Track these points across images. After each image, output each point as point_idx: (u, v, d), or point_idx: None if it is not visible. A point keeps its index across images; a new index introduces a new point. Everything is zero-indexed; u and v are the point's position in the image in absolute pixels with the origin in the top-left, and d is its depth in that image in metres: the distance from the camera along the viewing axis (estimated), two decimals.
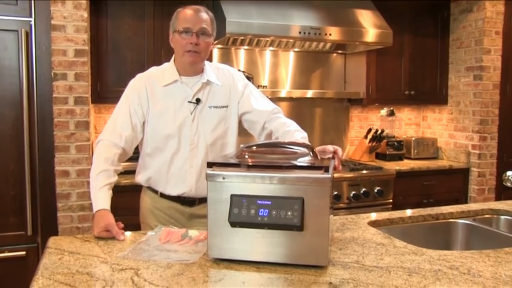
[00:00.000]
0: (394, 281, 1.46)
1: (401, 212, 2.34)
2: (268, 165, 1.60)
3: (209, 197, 1.58)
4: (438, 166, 4.40)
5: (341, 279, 1.46)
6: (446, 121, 4.80)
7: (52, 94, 3.20)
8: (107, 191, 1.99)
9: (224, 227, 1.56)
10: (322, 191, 1.51)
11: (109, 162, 2.06)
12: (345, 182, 3.90)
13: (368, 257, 1.67)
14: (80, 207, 3.29)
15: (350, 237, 1.91)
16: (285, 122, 2.24)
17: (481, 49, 4.40)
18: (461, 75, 4.59)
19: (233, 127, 2.26)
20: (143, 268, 1.55)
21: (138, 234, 1.95)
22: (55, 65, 3.19)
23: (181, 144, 2.17)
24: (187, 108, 2.17)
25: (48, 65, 3.19)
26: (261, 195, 1.54)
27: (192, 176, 2.19)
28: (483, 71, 4.40)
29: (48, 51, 3.18)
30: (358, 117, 4.88)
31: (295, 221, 1.49)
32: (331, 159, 1.80)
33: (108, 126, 2.17)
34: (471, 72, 4.50)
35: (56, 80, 3.20)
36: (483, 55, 4.39)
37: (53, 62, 3.18)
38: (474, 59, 4.46)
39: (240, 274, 1.51)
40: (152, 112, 2.16)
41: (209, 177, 1.58)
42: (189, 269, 1.54)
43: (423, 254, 1.71)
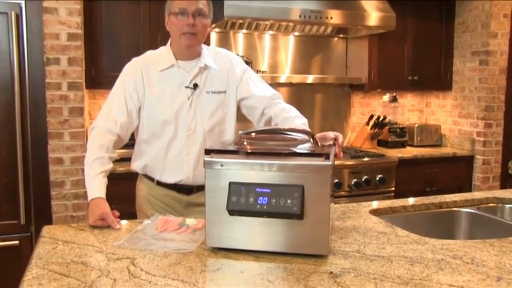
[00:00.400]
0: (396, 270, 1.46)
1: (404, 200, 2.35)
2: (267, 152, 1.60)
3: (207, 185, 1.58)
4: (442, 154, 4.41)
5: (342, 269, 1.47)
6: (450, 107, 4.80)
7: (45, 79, 3.19)
8: (102, 179, 1.99)
9: (222, 216, 1.57)
10: (323, 178, 1.51)
11: (104, 149, 2.06)
12: (346, 170, 3.90)
13: (370, 246, 1.68)
14: (75, 196, 3.30)
15: (351, 226, 1.91)
16: (284, 108, 2.24)
17: (488, 33, 4.37)
18: (466, 60, 4.58)
19: (232, 113, 2.26)
20: (139, 257, 1.56)
21: (134, 223, 1.95)
22: (47, 49, 3.18)
23: (178, 130, 2.17)
24: (184, 94, 2.16)
25: (40, 49, 3.17)
26: (260, 182, 1.54)
27: (190, 163, 2.20)
28: (490, 56, 4.39)
29: (40, 34, 3.16)
30: (359, 103, 4.88)
31: (295, 209, 1.50)
32: (332, 146, 1.80)
33: (102, 112, 2.16)
34: (476, 57, 4.48)
35: (49, 64, 3.19)
36: (489, 39, 4.37)
37: (45, 46, 3.17)
38: (480, 43, 4.45)
39: (238, 264, 1.51)
40: (148, 97, 2.15)
41: (207, 164, 1.58)
42: (186, 258, 1.55)
43: (425, 243, 1.72)
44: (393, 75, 4.50)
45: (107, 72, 3.56)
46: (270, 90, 2.31)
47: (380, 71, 4.44)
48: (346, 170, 3.90)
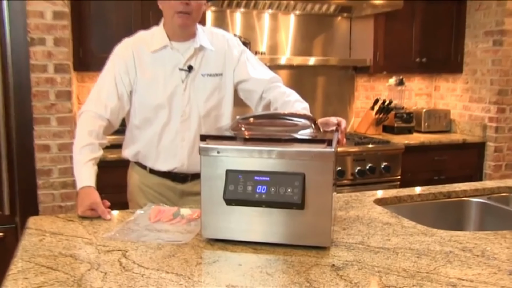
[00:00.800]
0: (401, 263, 1.47)
1: (410, 189, 2.35)
2: (266, 138, 1.60)
3: (203, 173, 1.59)
4: (451, 140, 4.41)
5: (345, 261, 1.48)
6: (461, 91, 4.80)
7: (29, 61, 3.18)
8: (92, 167, 2.00)
9: (219, 205, 1.58)
10: (325, 166, 1.52)
11: (94, 135, 2.06)
12: (350, 157, 3.91)
13: (374, 238, 1.69)
14: (63, 184, 3.30)
15: (355, 216, 1.92)
16: (284, 91, 2.24)
17: (503, 11, 4.34)
18: (479, 41, 4.56)
19: (228, 97, 2.26)
20: (131, 249, 1.57)
21: (126, 213, 1.96)
22: (31, 28, 3.16)
23: (171, 115, 2.17)
24: (178, 76, 2.16)
25: (23, 29, 3.15)
26: (258, 170, 1.54)
27: (184, 150, 2.20)
28: (504, 36, 4.36)
29: (23, 12, 3.14)
30: (364, 86, 4.88)
31: (296, 198, 1.50)
32: (335, 132, 1.80)
33: (91, 96, 2.16)
34: (490, 37, 4.46)
35: (33, 45, 3.17)
36: (505, 17, 4.33)
37: (29, 25, 3.15)
38: (494, 22, 4.42)
39: (236, 256, 1.52)
40: (140, 80, 2.15)
41: (202, 151, 1.58)
42: (181, 250, 1.56)
43: (433, 235, 1.72)
44: (400, 57, 4.49)
45: (96, 54, 3.54)
46: (269, 73, 2.30)
47: (386, 52, 4.43)
48: (349, 158, 3.91)
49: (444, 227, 1.82)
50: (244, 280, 1.35)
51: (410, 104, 4.96)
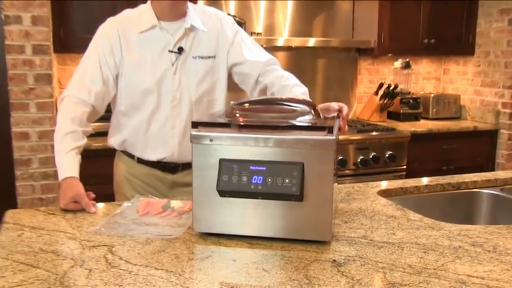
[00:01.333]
0: (407, 259, 1.48)
1: (416, 180, 2.37)
2: (262, 125, 1.60)
3: (194, 163, 1.59)
4: (461, 128, 4.43)
5: (346, 257, 1.49)
6: (472, 74, 4.80)
7: (4, 41, 3.16)
8: (75, 156, 2.00)
9: (212, 197, 1.58)
10: (325, 155, 1.52)
11: (77, 122, 2.06)
12: (352, 146, 3.92)
13: (378, 232, 1.70)
14: (43, 175, 3.30)
15: (357, 209, 1.93)
16: (282, 75, 2.24)
17: None
18: (493, 20, 4.55)
19: (222, 81, 2.26)
20: (118, 244, 1.57)
21: (112, 205, 1.96)
22: (5, 6, 3.14)
23: (161, 100, 2.17)
24: (168, 59, 2.16)
25: None
26: (254, 159, 1.55)
27: (174, 138, 2.20)
28: None
29: None
30: (367, 70, 4.88)
31: (294, 189, 1.51)
32: (336, 118, 1.81)
33: (74, 80, 2.16)
34: (505, 16, 4.45)
35: (8, 24, 3.15)
36: None
37: (2, 2, 3.13)
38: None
39: (230, 251, 1.53)
40: (126, 63, 2.15)
41: (194, 139, 1.58)
42: (171, 245, 1.57)
43: (441, 229, 1.73)
44: (406, 37, 4.49)
45: (79, 34, 3.52)
46: (266, 55, 2.30)
47: (391, 33, 4.43)
48: (351, 146, 3.92)
49: (453, 221, 1.83)
50: (239, 277, 1.36)
51: (417, 89, 4.97)
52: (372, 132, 4.06)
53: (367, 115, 4.65)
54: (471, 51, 4.74)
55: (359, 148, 3.95)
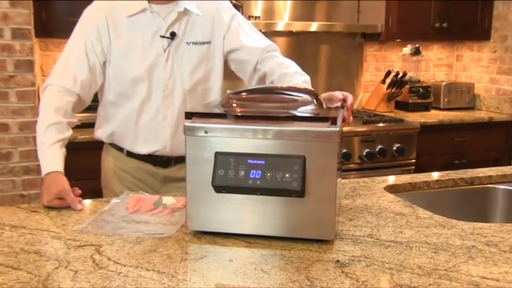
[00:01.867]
0: (416, 259, 1.49)
1: (426, 175, 2.37)
2: (261, 116, 1.61)
3: (188, 156, 1.59)
4: (475, 119, 4.43)
5: (351, 257, 1.49)
6: (487, 61, 4.80)
7: None
8: (60, 149, 2.00)
9: (207, 193, 1.58)
10: (328, 148, 1.52)
11: (61, 112, 2.06)
12: (357, 138, 3.93)
13: (385, 230, 1.70)
14: (25, 170, 3.30)
15: (363, 205, 1.94)
16: (282, 62, 2.24)
17: None
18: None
19: (218, 69, 2.26)
20: (106, 244, 1.58)
21: (100, 202, 1.97)
22: None
23: (152, 89, 2.17)
24: (159, 45, 2.16)
25: None
26: (252, 153, 1.55)
27: (167, 130, 2.21)
28: None
29: None
30: (374, 56, 4.88)
31: (295, 185, 1.51)
32: (340, 108, 1.81)
33: (58, 67, 2.16)
34: None
35: None
36: None
37: None
38: None
39: (226, 250, 1.53)
40: (114, 49, 2.15)
41: (187, 130, 1.58)
42: (163, 244, 1.57)
43: (453, 227, 1.74)
44: (416, 21, 4.48)
45: (63, 17, 3.51)
46: (265, 41, 2.30)
47: (400, 17, 4.42)
48: (356, 138, 3.92)
49: (465, 218, 1.83)
50: (236, 278, 1.36)
51: (428, 77, 4.97)
52: (379, 123, 4.07)
53: (373, 105, 4.66)
54: (487, 36, 4.73)
55: (365, 141, 3.95)
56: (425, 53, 4.88)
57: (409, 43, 4.77)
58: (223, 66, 2.28)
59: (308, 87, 1.94)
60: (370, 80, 4.86)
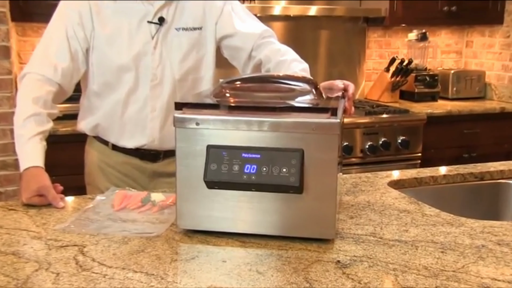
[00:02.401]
0: (422, 259, 1.49)
1: (433, 169, 2.38)
2: (256, 106, 1.61)
3: (178, 150, 1.60)
4: (486, 109, 4.43)
5: (352, 257, 1.50)
6: (500, 47, 4.80)
7: None
8: (39, 142, 2.00)
9: (198, 189, 1.59)
10: (328, 140, 1.53)
11: (40, 103, 2.05)
12: (359, 130, 3.93)
13: (388, 228, 1.71)
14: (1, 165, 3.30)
15: (365, 202, 1.95)
16: (279, 49, 2.24)
17: None
18: None
19: (209, 56, 2.26)
20: (90, 244, 1.58)
21: (83, 199, 1.97)
22: None
23: (139, 79, 2.17)
24: (147, 31, 2.15)
25: None
26: (247, 146, 1.55)
27: (155, 122, 2.21)
28: None
29: None
30: (377, 42, 4.88)
31: (292, 180, 1.52)
32: (340, 98, 1.81)
33: (37, 54, 2.15)
34: None
35: None
36: None
37: None
38: None
39: (219, 250, 1.54)
40: (98, 36, 2.14)
41: (177, 122, 1.59)
42: (152, 244, 1.57)
43: (461, 225, 1.75)
44: (423, 5, 4.47)
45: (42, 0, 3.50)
46: (260, 26, 2.30)
47: None
48: (358, 130, 3.93)
49: (475, 216, 1.84)
50: (230, 280, 1.37)
51: (435, 64, 4.97)
52: (382, 114, 4.07)
53: (376, 94, 4.66)
54: (499, 20, 4.71)
55: (367, 133, 3.95)
56: (432, 38, 4.89)
57: (415, 28, 4.78)
58: (215, 54, 2.28)
59: (307, 76, 1.94)
60: (373, 68, 4.86)
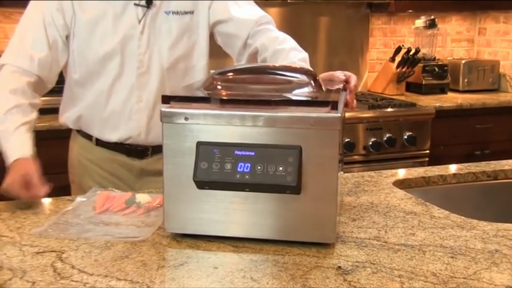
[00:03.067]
0: (430, 265, 1.49)
1: (442, 168, 2.38)
2: (251, 100, 1.61)
3: (166, 147, 1.59)
4: (499, 102, 4.44)
5: (354, 262, 1.50)
6: None
7: None
8: (25, 133, 1.98)
9: (188, 189, 1.58)
10: (329, 136, 1.52)
11: (19, 93, 2.04)
12: (362, 125, 3.93)
13: (394, 232, 1.71)
14: None
15: (368, 203, 1.95)
16: (276, 37, 2.24)
17: None
18: None
19: (202, 44, 2.25)
20: (69, 249, 1.57)
21: (62, 201, 1.96)
22: None
23: (124, 66, 2.16)
24: (133, 14, 2.14)
25: None
26: (240, 142, 1.55)
27: (142, 113, 2.20)
28: None
29: None
30: (382, 30, 4.88)
31: (289, 179, 1.51)
32: (341, 91, 1.81)
33: (12, 43, 2.14)
34: None
35: None
36: None
37: None
38: None
39: (210, 256, 1.54)
40: (80, 21, 2.13)
41: (164, 117, 1.58)
42: (137, 249, 1.57)
43: (473, 228, 1.75)
44: None
45: None
46: (257, 12, 2.30)
47: None
48: (361, 126, 3.93)
49: (488, 218, 1.84)
50: None
51: (445, 54, 4.98)
52: (387, 108, 4.07)
53: (380, 87, 4.66)
54: None
55: (371, 128, 3.96)
56: (441, 26, 4.89)
57: (423, 15, 4.77)
58: (208, 41, 2.27)
59: (306, 67, 1.93)
60: (377, 58, 4.86)
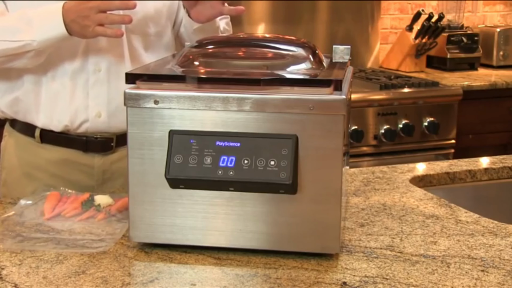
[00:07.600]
0: (456, 280, 1.51)
1: (471, 161, 2.40)
2: (235, 79, 1.62)
3: (130, 136, 1.59)
4: None
5: (363, 277, 1.51)
6: None
7: None
8: None
9: (158, 189, 1.59)
10: (331, 123, 1.53)
11: None
12: (372, 109, 3.94)
13: (411, 240, 1.73)
14: None
15: (379, 205, 1.97)
16: None
17: None
18: None
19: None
20: (11, 265, 1.58)
21: (1, 205, 1.96)
22: None
23: None
24: None
25: None
26: (223, 131, 1.56)
27: (101, 86, 2.14)
28: None
29: None
30: None
31: (283, 176, 1.52)
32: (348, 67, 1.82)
33: None
34: None
35: None
36: None
37: None
38: None
39: (186, 270, 1.55)
40: None
41: (129, 100, 1.58)
42: (96, 263, 1.58)
43: (508, 235, 1.76)
44: None
45: None
46: None
47: None
48: (371, 110, 3.94)
49: None
50: None
51: (475, 21, 4.99)
52: (403, 88, 4.08)
53: (395, 62, 4.67)
54: None
55: (384, 113, 3.97)
56: None
57: None
58: None
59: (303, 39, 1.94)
60: (391, 26, 4.87)
